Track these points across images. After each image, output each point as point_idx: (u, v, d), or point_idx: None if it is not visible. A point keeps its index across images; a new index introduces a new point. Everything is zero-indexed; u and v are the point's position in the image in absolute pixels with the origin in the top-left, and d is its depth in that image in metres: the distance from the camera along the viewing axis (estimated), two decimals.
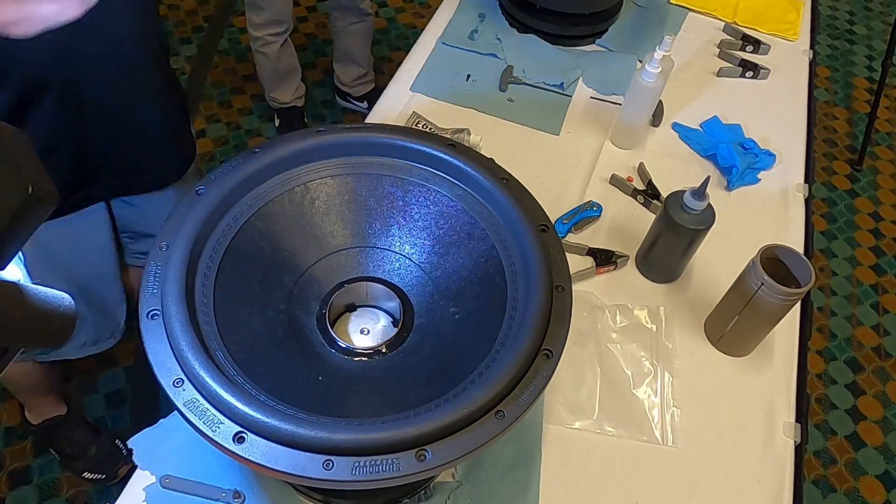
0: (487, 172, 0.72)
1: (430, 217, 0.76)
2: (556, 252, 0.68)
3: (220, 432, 0.54)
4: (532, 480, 0.78)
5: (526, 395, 0.58)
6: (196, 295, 0.62)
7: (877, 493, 1.66)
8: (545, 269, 0.65)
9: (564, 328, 0.63)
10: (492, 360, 0.62)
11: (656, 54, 1.01)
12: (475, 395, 0.56)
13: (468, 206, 0.74)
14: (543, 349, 0.61)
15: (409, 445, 0.54)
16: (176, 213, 0.66)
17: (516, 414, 0.57)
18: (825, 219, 2.20)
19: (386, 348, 0.71)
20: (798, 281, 0.81)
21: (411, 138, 0.75)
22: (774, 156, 1.14)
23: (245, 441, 0.54)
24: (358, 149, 0.75)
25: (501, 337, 0.64)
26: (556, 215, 1.02)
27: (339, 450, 0.54)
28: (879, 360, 1.88)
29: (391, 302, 0.76)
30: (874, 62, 2.70)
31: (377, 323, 0.77)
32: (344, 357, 0.71)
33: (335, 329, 0.73)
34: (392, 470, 0.53)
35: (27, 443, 1.55)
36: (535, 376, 0.59)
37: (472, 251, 0.73)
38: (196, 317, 0.60)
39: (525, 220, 0.69)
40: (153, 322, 0.59)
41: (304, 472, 0.53)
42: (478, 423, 0.56)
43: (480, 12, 1.34)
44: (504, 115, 1.16)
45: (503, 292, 0.68)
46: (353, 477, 0.53)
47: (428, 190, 0.76)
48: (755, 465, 0.82)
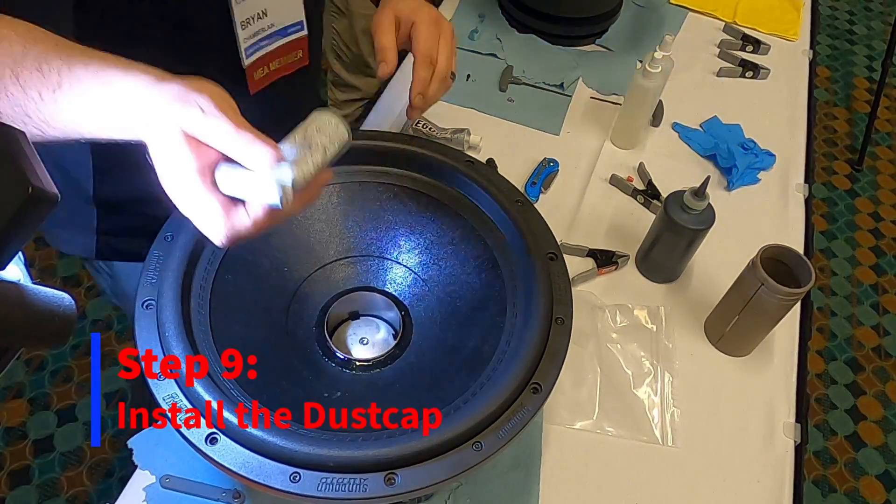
0: (501, 195, 0.71)
1: (434, 233, 0.75)
2: (561, 282, 0.67)
3: (194, 431, 0.54)
4: (532, 480, 0.78)
5: (506, 428, 0.57)
6: (192, 294, 0.62)
7: (877, 493, 1.66)
8: (546, 301, 0.64)
9: (558, 364, 0.62)
10: (479, 387, 0.60)
11: (656, 54, 1.01)
12: (452, 425, 0.55)
13: (475, 222, 0.73)
14: (532, 383, 0.59)
15: (380, 467, 0.53)
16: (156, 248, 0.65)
17: (495, 447, 0.56)
18: (825, 219, 2.20)
19: (375, 364, 0.70)
20: (798, 281, 0.81)
21: (436, 153, 0.73)
22: (774, 156, 1.14)
23: (217, 443, 0.53)
24: (353, 158, 0.74)
25: (492, 365, 0.63)
26: (557, 214, 1.02)
27: (307, 463, 0.53)
28: (879, 360, 1.88)
29: (390, 312, 0.75)
30: (874, 62, 2.70)
31: (377, 333, 0.76)
32: (336, 367, 0.70)
33: (334, 338, 0.72)
34: (359, 490, 0.52)
35: (27, 443, 1.55)
36: (520, 410, 0.58)
37: (476, 272, 0.72)
38: (189, 313, 0.60)
39: (533, 248, 0.67)
40: (147, 311, 0.59)
41: (270, 482, 0.52)
42: (453, 452, 0.55)
43: (480, 12, 1.34)
44: (504, 115, 1.16)
45: (502, 318, 0.67)
46: (318, 493, 0.52)
47: (435, 203, 0.74)
48: (755, 465, 0.82)
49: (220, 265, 0.66)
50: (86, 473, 1.53)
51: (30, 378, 1.66)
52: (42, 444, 1.56)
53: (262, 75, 0.78)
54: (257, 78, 0.78)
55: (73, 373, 1.67)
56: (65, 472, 1.52)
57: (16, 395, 1.63)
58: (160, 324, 0.58)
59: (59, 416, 1.61)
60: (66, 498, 1.49)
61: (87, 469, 1.54)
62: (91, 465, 1.55)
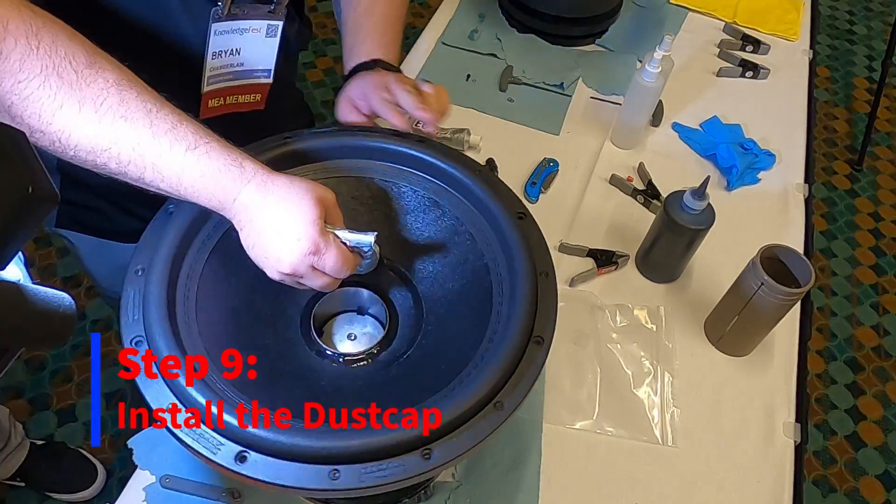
0: (460, 165, 0.72)
1: (406, 216, 0.75)
2: (536, 238, 0.68)
3: (221, 454, 0.53)
4: (532, 480, 0.78)
5: (523, 383, 0.58)
6: (178, 318, 0.61)
7: (877, 493, 1.66)
8: (528, 256, 0.65)
9: (553, 313, 0.63)
10: (484, 351, 0.62)
11: (656, 54, 1.01)
12: (474, 388, 0.56)
13: (444, 200, 0.73)
14: (534, 336, 0.61)
15: (414, 446, 0.54)
16: (148, 234, 0.64)
17: (515, 403, 0.57)
18: (825, 219, 2.20)
19: (377, 351, 0.71)
20: (798, 281, 0.81)
21: (378, 137, 0.74)
22: (774, 156, 1.14)
23: (247, 460, 0.53)
24: (326, 153, 0.74)
25: (490, 329, 0.64)
26: (557, 214, 1.02)
27: (345, 458, 0.53)
28: (879, 360, 1.88)
29: (376, 306, 0.76)
30: (874, 62, 2.70)
31: (363, 328, 0.76)
32: (333, 364, 0.70)
33: (322, 338, 0.72)
34: (399, 473, 0.53)
35: None
36: (530, 364, 0.59)
37: (452, 246, 0.73)
38: (181, 341, 0.59)
39: (502, 209, 0.68)
40: (139, 349, 0.57)
41: (310, 485, 0.52)
42: (478, 417, 0.56)
43: (480, 12, 1.34)
44: (504, 115, 1.16)
45: (488, 284, 0.67)
46: (360, 484, 0.52)
47: (401, 189, 0.75)
48: (755, 465, 0.82)
49: (199, 285, 0.64)
50: None
51: (30, 378, 1.66)
52: None
53: (216, 105, 0.80)
54: (211, 106, 0.80)
55: (73, 373, 1.67)
56: None
57: (16, 395, 1.63)
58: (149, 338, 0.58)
59: (59, 416, 1.61)
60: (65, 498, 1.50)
61: None
62: None
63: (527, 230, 0.68)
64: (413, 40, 1.30)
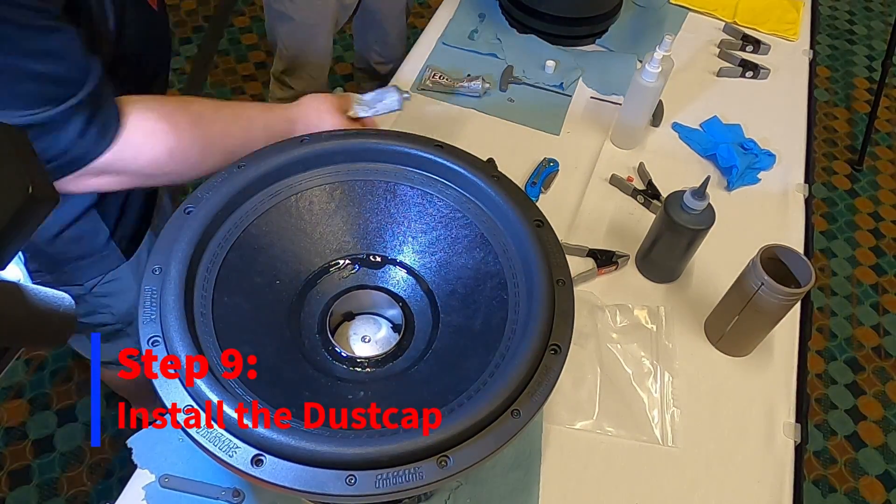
0: (478, 171, 0.72)
1: (423, 221, 0.75)
2: (553, 247, 0.68)
3: (237, 457, 0.53)
4: (532, 480, 0.78)
5: (540, 391, 0.58)
6: (195, 318, 0.61)
7: (877, 493, 1.66)
8: (545, 265, 0.65)
9: (570, 322, 0.63)
10: (500, 359, 0.62)
11: (656, 54, 1.01)
12: (491, 396, 0.56)
13: (462, 207, 0.73)
14: (551, 345, 0.61)
15: (431, 452, 0.54)
16: (166, 233, 0.65)
17: (532, 411, 0.57)
18: (825, 219, 2.20)
19: (391, 356, 0.71)
20: (798, 281, 0.81)
21: (398, 141, 0.74)
22: (774, 156, 1.14)
23: (264, 463, 0.53)
24: (345, 156, 0.74)
25: (506, 337, 0.64)
26: (557, 214, 1.02)
27: (362, 464, 0.53)
28: (879, 360, 1.88)
29: (392, 310, 0.75)
30: (874, 62, 2.70)
31: (378, 331, 0.76)
32: (347, 367, 0.70)
33: (336, 338, 0.72)
34: (415, 479, 0.53)
35: (27, 443, 1.55)
36: (547, 372, 0.59)
37: (469, 252, 0.73)
38: (199, 341, 0.59)
39: (520, 216, 0.68)
40: (156, 349, 0.58)
41: (326, 490, 0.52)
42: (495, 424, 0.56)
43: (480, 12, 1.34)
44: (504, 115, 1.16)
45: (504, 292, 0.68)
46: (376, 490, 0.52)
47: (420, 193, 0.75)
48: (755, 465, 0.82)
49: (216, 284, 0.65)
50: (86, 473, 1.53)
51: (30, 378, 1.66)
52: (42, 444, 1.56)
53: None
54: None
55: (73, 373, 1.67)
56: (65, 472, 1.52)
57: (16, 395, 1.63)
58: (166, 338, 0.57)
59: (59, 416, 1.61)
60: (65, 498, 1.49)
61: (87, 469, 1.54)
62: (91, 465, 1.55)
63: (544, 238, 0.68)
64: (413, 40, 1.30)
